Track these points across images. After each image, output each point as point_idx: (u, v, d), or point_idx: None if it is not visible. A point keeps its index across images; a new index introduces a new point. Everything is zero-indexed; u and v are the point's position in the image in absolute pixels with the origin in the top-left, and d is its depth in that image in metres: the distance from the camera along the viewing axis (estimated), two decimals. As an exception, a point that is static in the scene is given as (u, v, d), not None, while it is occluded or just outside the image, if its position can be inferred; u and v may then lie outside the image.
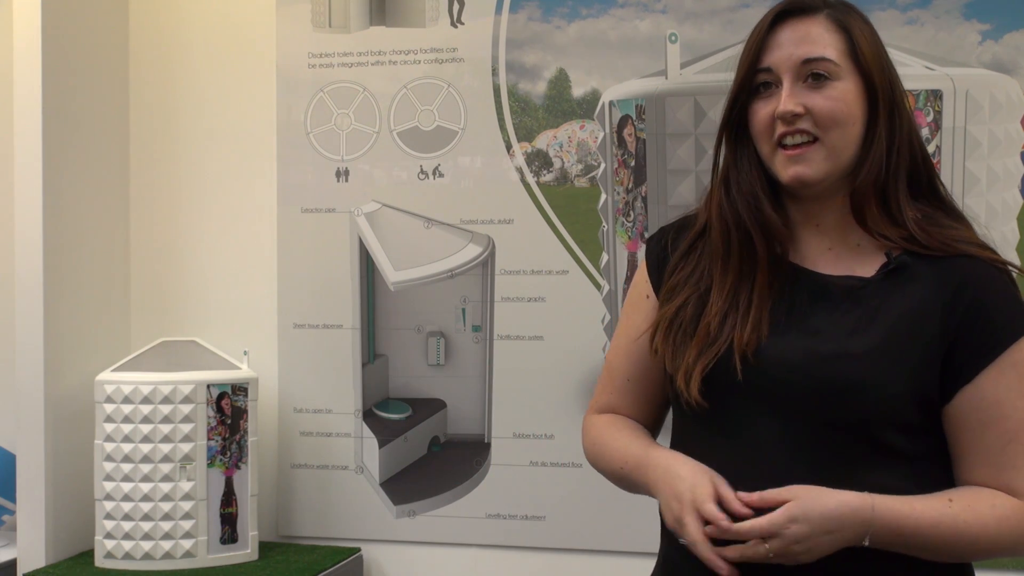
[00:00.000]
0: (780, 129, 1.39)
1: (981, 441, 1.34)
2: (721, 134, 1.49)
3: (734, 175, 1.46)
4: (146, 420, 2.45)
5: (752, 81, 1.43)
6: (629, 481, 1.53)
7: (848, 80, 1.39)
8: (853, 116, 1.38)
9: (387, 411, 2.69)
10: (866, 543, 1.30)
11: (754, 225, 1.42)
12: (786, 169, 1.39)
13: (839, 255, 1.43)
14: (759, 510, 1.31)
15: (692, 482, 1.37)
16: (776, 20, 1.45)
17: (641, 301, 1.55)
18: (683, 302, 1.46)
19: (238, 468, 2.53)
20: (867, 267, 1.41)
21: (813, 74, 1.39)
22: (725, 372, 1.39)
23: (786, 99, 1.38)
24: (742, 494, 1.33)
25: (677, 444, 1.50)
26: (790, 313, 1.40)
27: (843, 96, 1.38)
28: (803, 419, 1.35)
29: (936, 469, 1.38)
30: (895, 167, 1.40)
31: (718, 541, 1.33)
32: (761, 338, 1.38)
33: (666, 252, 1.53)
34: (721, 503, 1.34)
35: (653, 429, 1.60)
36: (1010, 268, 1.40)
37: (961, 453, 1.37)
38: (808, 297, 1.41)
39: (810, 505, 1.29)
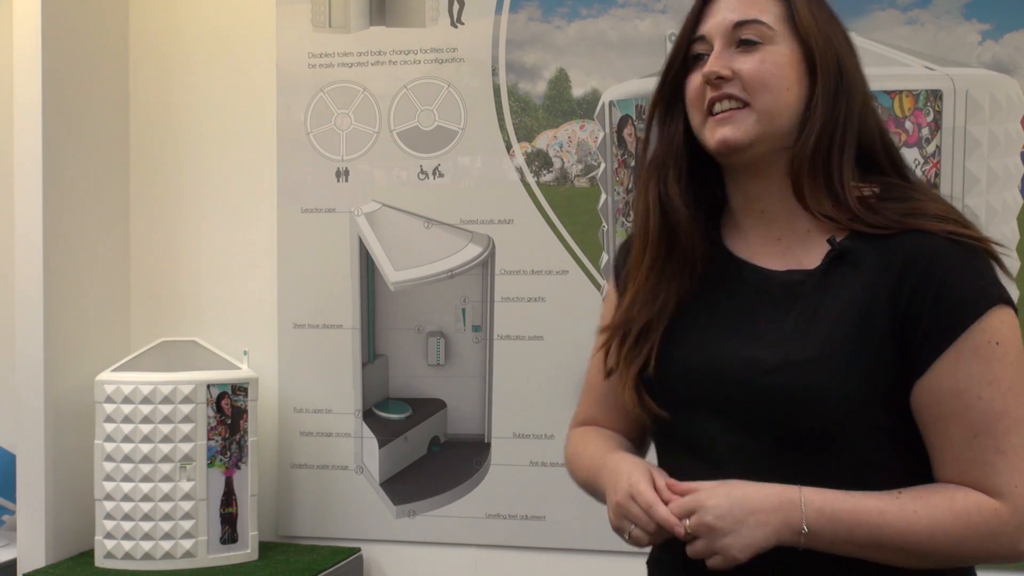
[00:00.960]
0: (709, 95, 1.31)
1: (944, 437, 1.20)
2: (652, 110, 1.41)
3: (658, 153, 1.37)
4: (146, 420, 2.45)
5: (688, 52, 1.36)
6: (591, 489, 1.46)
7: (783, 45, 1.29)
8: (786, 81, 1.29)
9: (387, 411, 2.69)
10: (804, 531, 1.19)
11: (655, 204, 1.33)
12: (713, 134, 1.30)
13: (788, 245, 1.32)
14: None
15: (629, 472, 1.30)
16: None
17: (610, 313, 1.48)
18: (619, 310, 1.41)
19: (238, 468, 2.53)
20: (814, 257, 1.29)
21: (743, 40, 1.30)
22: (662, 381, 1.33)
23: (712, 61, 1.30)
24: (673, 482, 1.26)
25: (658, 459, 1.44)
26: (732, 316, 1.31)
27: (775, 60, 1.29)
28: (756, 434, 1.26)
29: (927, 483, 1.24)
30: (839, 141, 1.28)
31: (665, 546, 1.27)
32: (703, 347, 1.31)
33: (620, 263, 1.48)
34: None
35: (637, 441, 1.52)
36: (978, 243, 1.23)
37: (930, 452, 1.23)
38: (752, 296, 1.31)
39: (732, 484, 1.22)
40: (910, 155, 2.39)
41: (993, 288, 1.20)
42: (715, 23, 1.33)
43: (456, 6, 2.64)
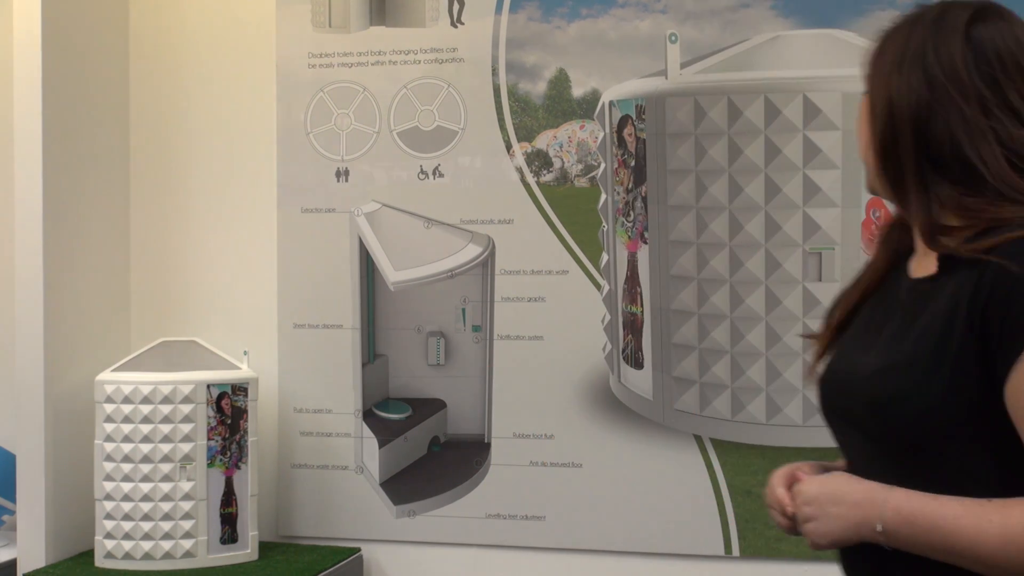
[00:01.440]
0: None
1: None
2: None
3: None
4: (146, 420, 2.45)
5: None
6: None
7: (864, 95, 1.40)
8: (859, 123, 1.40)
9: (387, 411, 2.69)
10: (879, 529, 1.22)
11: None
12: None
13: (922, 256, 1.37)
14: None
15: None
16: None
17: None
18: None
19: (238, 468, 2.53)
20: (933, 266, 1.33)
21: None
22: (818, 385, 1.45)
23: None
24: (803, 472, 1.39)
25: None
26: (869, 323, 1.39)
27: (863, 107, 1.39)
28: (869, 438, 1.32)
29: None
30: (899, 182, 1.32)
31: None
32: (835, 353, 1.42)
33: None
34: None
35: None
36: None
37: None
38: (890, 304, 1.37)
39: (832, 476, 1.31)
40: (910, 155, 2.39)
41: None
42: None
43: (456, 6, 2.64)
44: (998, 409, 1.20)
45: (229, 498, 2.53)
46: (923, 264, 1.35)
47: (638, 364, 2.56)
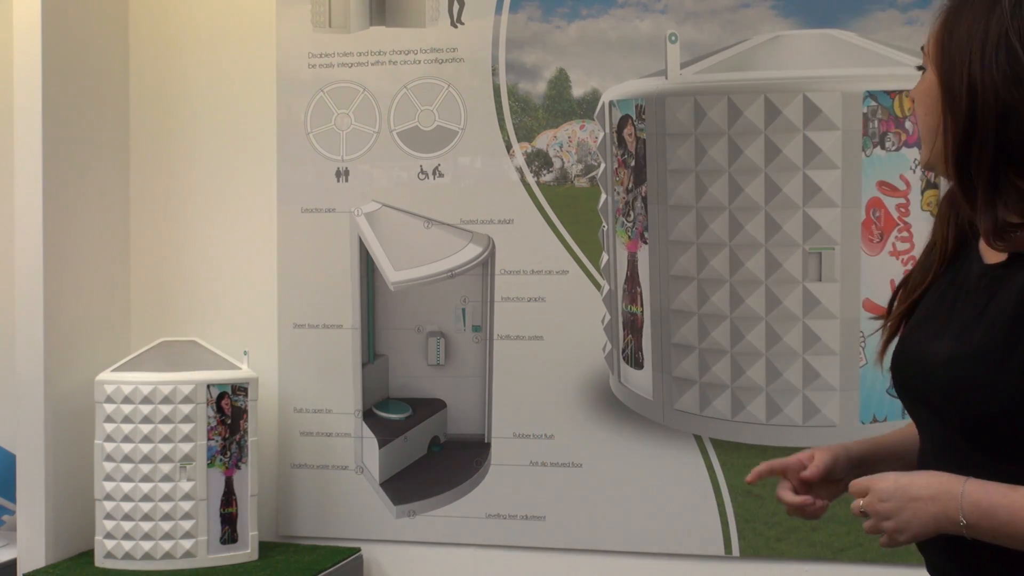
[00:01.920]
0: None
1: None
2: None
3: None
4: (146, 420, 2.45)
5: None
6: None
7: (929, 70, 1.33)
8: (926, 106, 1.33)
9: (387, 411, 2.69)
10: (962, 522, 1.23)
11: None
12: None
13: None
14: None
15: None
16: None
17: None
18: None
19: (238, 468, 2.53)
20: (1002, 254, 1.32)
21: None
22: (892, 367, 1.44)
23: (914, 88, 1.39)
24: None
25: None
26: (938, 308, 1.37)
27: (923, 85, 1.34)
28: (943, 422, 1.32)
29: None
30: (973, 167, 1.27)
31: None
32: (908, 335, 1.40)
33: None
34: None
35: None
36: None
37: None
38: (961, 289, 1.35)
39: (906, 473, 1.29)
40: (910, 155, 2.39)
41: None
42: None
43: (456, 6, 2.64)
44: None
45: (229, 498, 2.53)
46: (992, 251, 1.33)
47: (638, 364, 2.56)
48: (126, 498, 2.46)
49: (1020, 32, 1.23)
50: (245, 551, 2.55)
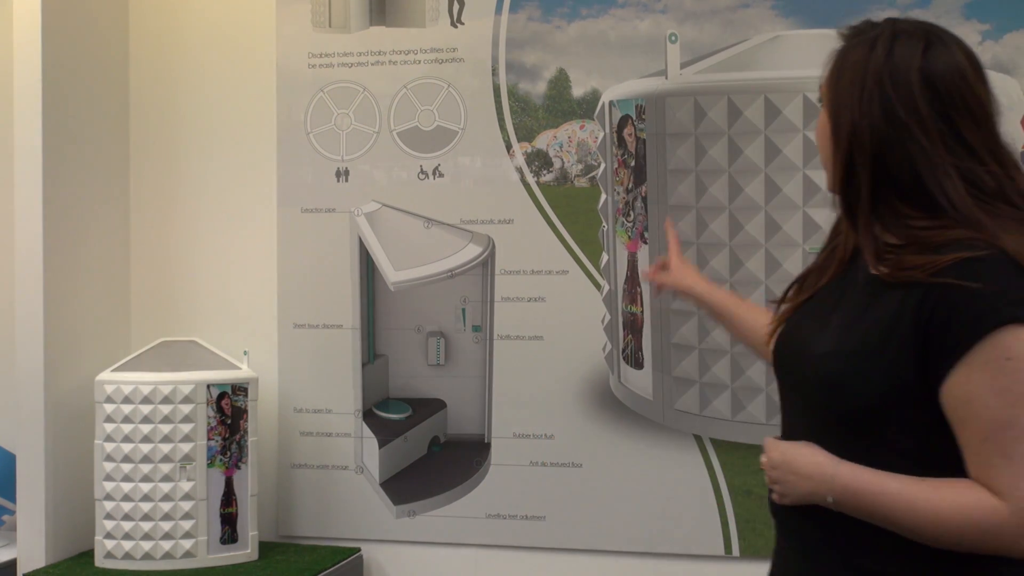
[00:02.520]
0: None
1: (962, 438, 1.35)
2: None
3: None
4: (146, 420, 2.45)
5: None
6: None
7: (824, 109, 1.49)
8: (821, 139, 1.49)
9: (387, 411, 2.69)
10: (830, 500, 1.40)
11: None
12: None
13: None
14: None
15: None
16: None
17: None
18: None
19: (238, 468, 2.53)
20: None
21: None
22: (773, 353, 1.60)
23: None
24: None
25: None
26: (822, 304, 1.51)
27: (818, 123, 1.51)
28: (813, 410, 1.48)
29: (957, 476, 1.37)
30: (854, 200, 1.44)
31: None
32: (787, 325, 1.55)
33: None
34: None
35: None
36: (974, 284, 1.34)
37: (961, 450, 1.37)
38: (844, 290, 1.50)
39: (794, 444, 1.47)
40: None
41: (1007, 309, 1.32)
42: None
43: (456, 6, 2.64)
44: (926, 401, 1.36)
45: (229, 498, 2.53)
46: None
47: (638, 364, 2.56)
48: (126, 498, 2.46)
49: (891, 76, 1.40)
50: (245, 551, 2.55)
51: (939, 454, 1.37)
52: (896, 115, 1.39)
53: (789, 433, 1.53)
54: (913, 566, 1.39)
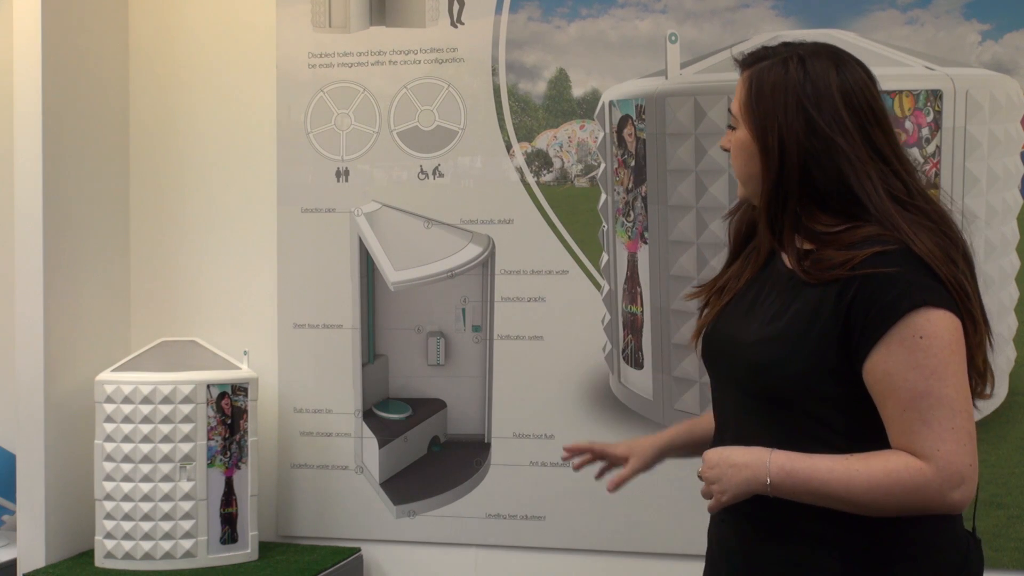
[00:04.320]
0: None
1: (885, 410, 1.50)
2: None
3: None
4: (146, 420, 2.45)
5: None
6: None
7: (741, 128, 1.61)
8: (744, 156, 1.61)
9: (387, 411, 2.69)
10: (768, 482, 1.51)
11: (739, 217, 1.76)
12: None
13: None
14: None
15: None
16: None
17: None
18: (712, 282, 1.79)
19: (238, 468, 2.53)
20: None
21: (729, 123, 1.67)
22: (702, 345, 1.73)
23: (723, 139, 1.68)
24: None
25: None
26: (748, 297, 1.66)
27: (738, 139, 1.62)
28: (746, 393, 1.61)
29: (880, 448, 1.52)
30: (781, 206, 1.58)
31: None
32: (718, 317, 1.69)
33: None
34: None
35: None
36: (899, 266, 1.50)
37: (884, 424, 1.52)
38: (768, 284, 1.64)
39: (728, 448, 1.59)
40: (909, 155, 2.39)
41: (918, 294, 1.48)
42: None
43: (456, 6, 2.64)
44: (850, 379, 1.51)
45: (229, 498, 2.53)
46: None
47: (638, 364, 2.56)
48: (126, 498, 2.46)
49: (813, 93, 1.55)
50: (245, 551, 2.55)
51: (863, 427, 1.52)
52: (820, 129, 1.54)
53: (722, 421, 1.69)
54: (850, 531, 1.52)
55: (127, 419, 2.45)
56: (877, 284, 1.49)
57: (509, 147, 2.62)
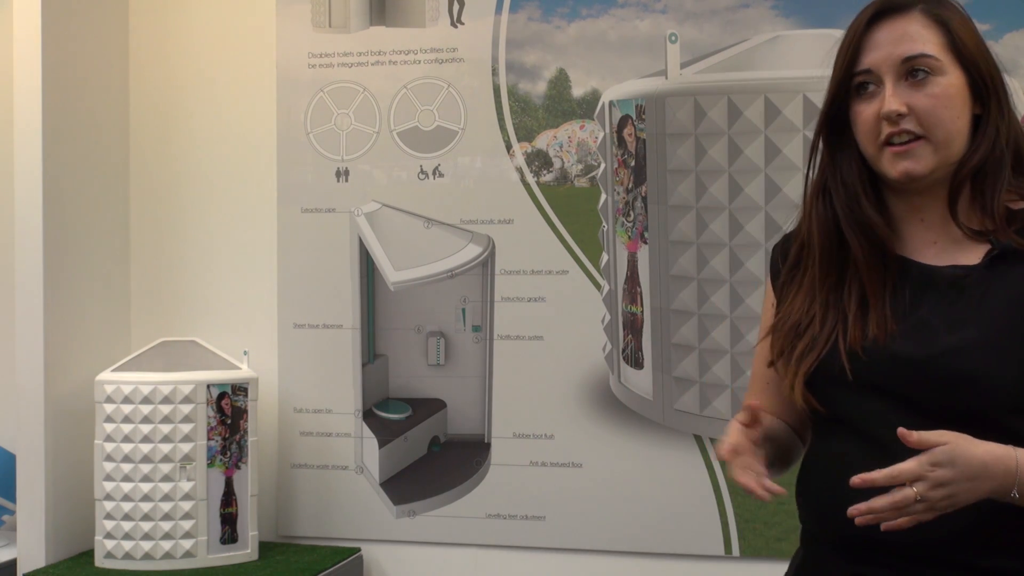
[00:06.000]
0: (887, 129, 1.40)
1: None
2: (817, 138, 1.52)
3: (833, 176, 1.49)
4: (146, 420, 2.45)
5: (850, 83, 1.44)
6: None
7: (951, 74, 1.40)
8: (956, 110, 1.40)
9: (387, 411, 2.69)
10: (1015, 495, 1.29)
11: (852, 226, 1.45)
12: (894, 166, 1.41)
13: (943, 248, 1.44)
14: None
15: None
16: (872, 21, 1.43)
17: (768, 308, 1.61)
18: (787, 311, 1.51)
19: (238, 468, 2.53)
20: (971, 256, 1.42)
21: (913, 70, 1.40)
22: (830, 373, 1.43)
23: (889, 99, 1.39)
24: (901, 430, 1.30)
25: (813, 444, 1.55)
26: (896, 306, 1.42)
27: (945, 91, 1.39)
28: (923, 413, 1.35)
29: None
30: (999, 156, 1.40)
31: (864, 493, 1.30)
32: (877, 334, 1.41)
33: (778, 263, 1.59)
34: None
35: (800, 427, 1.59)
36: None
37: None
38: (916, 289, 1.42)
39: (958, 451, 1.28)
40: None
41: None
42: (881, 58, 1.41)
43: (456, 6, 2.64)
44: None
45: (229, 498, 2.53)
46: (950, 253, 1.43)
47: (638, 364, 2.56)
48: (126, 498, 2.46)
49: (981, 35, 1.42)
50: (245, 551, 2.55)
51: None
52: (999, 72, 1.41)
53: (879, 448, 1.37)
54: None
55: (127, 419, 2.45)
56: None
57: (509, 147, 2.62)
